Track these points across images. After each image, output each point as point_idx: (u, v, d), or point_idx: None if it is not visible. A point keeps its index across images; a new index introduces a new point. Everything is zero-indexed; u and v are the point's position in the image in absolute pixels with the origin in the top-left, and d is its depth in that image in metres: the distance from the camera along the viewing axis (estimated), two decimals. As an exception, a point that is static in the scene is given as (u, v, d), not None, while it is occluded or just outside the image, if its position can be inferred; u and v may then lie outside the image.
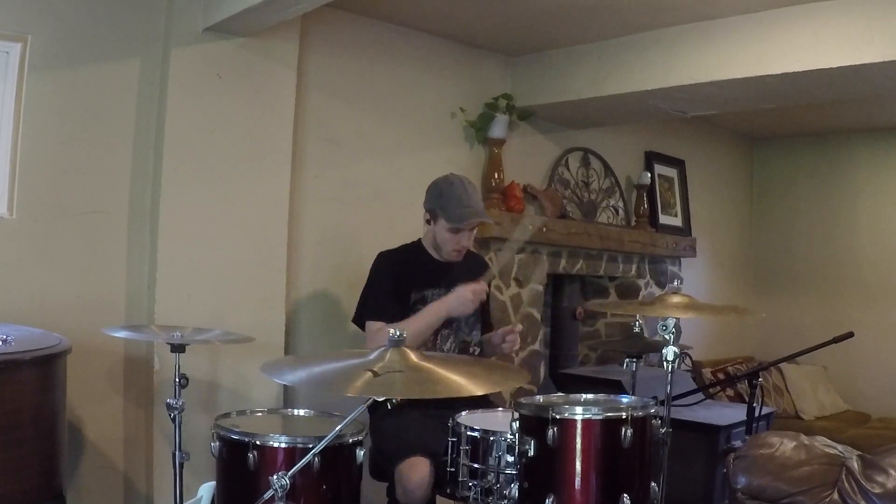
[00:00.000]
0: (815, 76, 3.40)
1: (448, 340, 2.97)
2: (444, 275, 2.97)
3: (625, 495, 2.11)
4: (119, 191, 3.05)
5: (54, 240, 2.89)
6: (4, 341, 2.14)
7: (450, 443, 2.43)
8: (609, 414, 2.17)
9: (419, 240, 3.05)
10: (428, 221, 2.95)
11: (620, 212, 5.14)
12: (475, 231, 2.98)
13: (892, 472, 2.27)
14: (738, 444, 2.83)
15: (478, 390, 1.88)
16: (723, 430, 3.76)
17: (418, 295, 2.91)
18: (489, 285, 3.00)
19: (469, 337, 3.02)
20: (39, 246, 2.85)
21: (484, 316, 3.13)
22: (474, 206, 2.88)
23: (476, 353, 3.03)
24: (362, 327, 2.95)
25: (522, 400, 2.30)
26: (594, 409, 2.19)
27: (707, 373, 5.23)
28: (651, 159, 5.45)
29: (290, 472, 1.91)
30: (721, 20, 3.56)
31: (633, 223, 5.19)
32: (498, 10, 3.70)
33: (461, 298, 2.79)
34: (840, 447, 2.50)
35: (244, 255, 3.22)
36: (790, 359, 3.47)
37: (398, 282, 2.89)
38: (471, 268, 3.08)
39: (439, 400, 2.22)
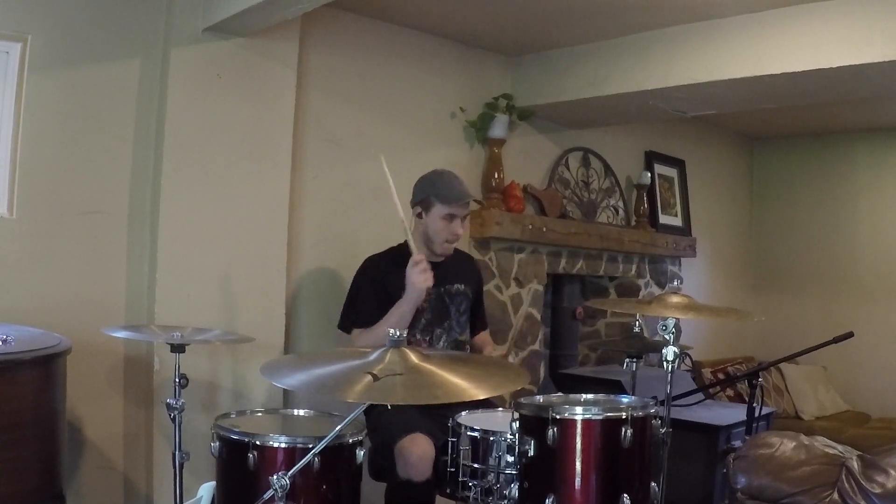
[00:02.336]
0: (815, 76, 3.40)
1: (441, 339, 2.98)
2: (436, 275, 2.98)
3: (625, 495, 2.11)
4: (119, 191, 3.04)
5: (54, 240, 2.89)
6: (4, 341, 2.14)
7: (450, 442, 2.43)
8: (609, 414, 2.18)
9: (405, 241, 3.06)
10: (419, 215, 2.96)
11: (620, 212, 5.14)
12: (466, 221, 3.02)
13: (892, 472, 2.27)
14: (738, 444, 2.84)
15: (479, 394, 1.87)
16: (723, 430, 3.76)
17: None
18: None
19: (462, 336, 3.04)
20: (39, 246, 2.85)
21: (473, 316, 3.14)
22: (465, 189, 2.97)
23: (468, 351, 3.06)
24: (347, 331, 2.97)
25: (522, 400, 2.30)
26: (594, 409, 2.19)
27: (707, 373, 5.23)
28: (651, 159, 5.45)
29: (290, 472, 1.91)
30: (721, 20, 3.56)
31: (633, 223, 5.19)
32: (498, 10, 3.70)
33: (411, 283, 2.77)
34: (840, 447, 2.50)
35: (244, 255, 3.21)
36: (790, 359, 3.47)
37: (385, 286, 2.92)
38: (461, 265, 3.10)
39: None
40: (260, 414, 2.63)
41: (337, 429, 1.99)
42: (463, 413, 2.56)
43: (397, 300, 2.86)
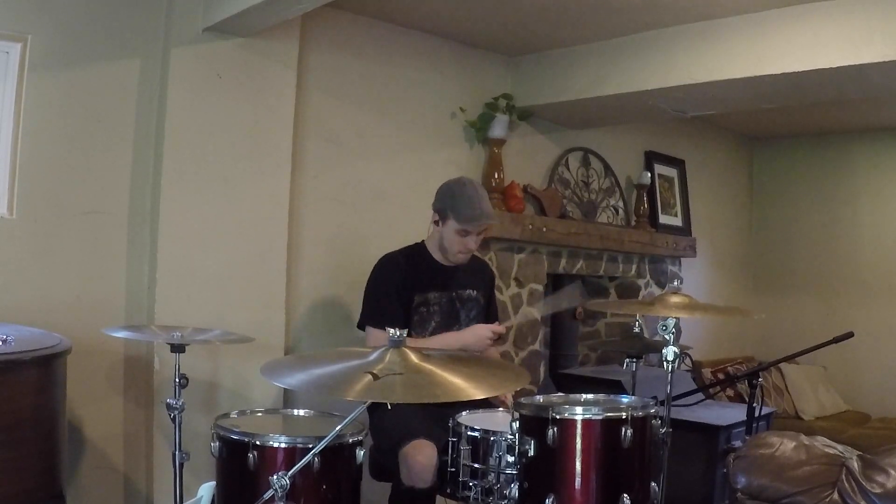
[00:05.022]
0: (815, 76, 3.40)
1: None
2: (448, 278, 2.98)
3: (625, 495, 2.11)
4: (119, 191, 3.05)
5: (54, 240, 2.89)
6: (4, 341, 2.14)
7: (450, 443, 2.43)
8: (609, 414, 2.18)
9: (422, 242, 3.05)
10: (436, 222, 2.95)
11: (620, 212, 5.14)
12: (482, 235, 2.98)
13: (892, 472, 2.27)
14: (738, 444, 2.83)
15: (479, 393, 1.87)
16: (723, 430, 3.76)
17: (421, 298, 2.92)
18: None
19: None
20: (39, 246, 2.85)
21: (489, 316, 3.14)
22: (484, 209, 2.89)
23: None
24: (364, 329, 2.95)
25: (522, 400, 2.30)
26: (594, 409, 2.19)
27: (707, 373, 5.23)
28: (651, 159, 5.45)
29: (290, 472, 1.91)
30: (721, 20, 3.56)
31: (633, 223, 5.19)
32: (498, 10, 3.70)
33: (479, 338, 2.86)
34: (840, 447, 2.49)
35: (244, 255, 3.22)
36: (790, 359, 3.47)
37: (401, 285, 2.90)
38: (474, 271, 3.09)
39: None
40: (260, 414, 2.63)
41: (337, 429, 1.99)
42: (463, 413, 2.56)
43: (414, 298, 2.89)
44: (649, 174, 5.24)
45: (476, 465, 2.37)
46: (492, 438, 2.34)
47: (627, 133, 5.24)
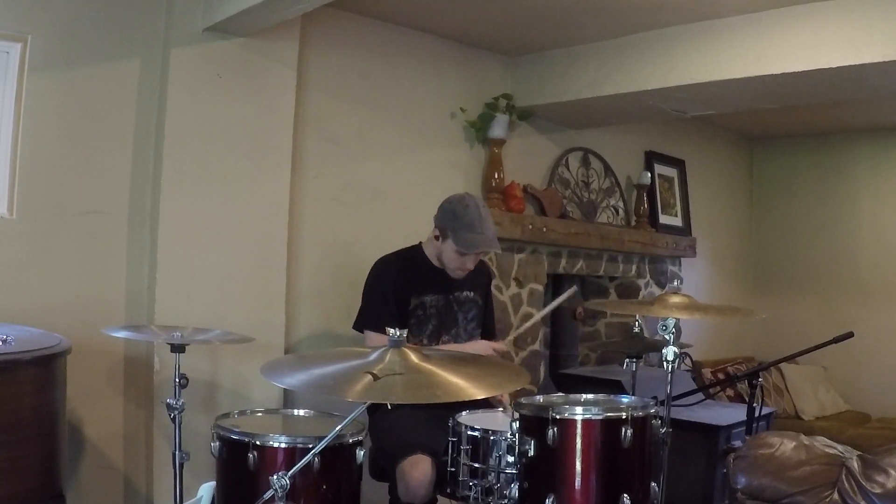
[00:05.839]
0: (815, 76, 3.40)
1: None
2: (444, 280, 2.98)
3: (625, 495, 2.11)
4: (119, 191, 3.05)
5: (54, 240, 2.89)
6: (4, 341, 2.14)
7: (450, 442, 2.43)
8: (609, 414, 2.18)
9: (419, 244, 3.04)
10: (437, 237, 2.94)
11: (620, 212, 5.14)
12: (481, 255, 2.99)
13: (892, 472, 2.27)
14: (738, 444, 2.84)
15: (479, 393, 1.87)
16: (723, 430, 3.76)
17: (418, 300, 2.92)
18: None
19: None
20: (39, 246, 2.85)
21: (486, 322, 3.14)
22: (486, 233, 2.86)
23: None
24: (361, 331, 2.96)
25: (522, 400, 2.30)
26: (594, 409, 2.19)
27: (707, 373, 5.23)
28: (651, 159, 5.45)
29: (290, 472, 1.91)
30: (721, 20, 3.56)
31: (633, 223, 5.19)
32: (498, 10, 3.70)
33: (484, 348, 2.91)
34: (840, 447, 2.50)
35: (244, 255, 3.22)
36: (790, 359, 3.47)
37: (398, 288, 2.90)
38: (472, 273, 3.08)
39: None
40: (260, 414, 2.63)
41: (337, 429, 1.99)
42: (463, 413, 2.56)
43: (411, 300, 2.89)
44: (649, 174, 5.24)
45: (476, 465, 2.37)
46: (492, 438, 2.34)
47: (627, 133, 5.24)
